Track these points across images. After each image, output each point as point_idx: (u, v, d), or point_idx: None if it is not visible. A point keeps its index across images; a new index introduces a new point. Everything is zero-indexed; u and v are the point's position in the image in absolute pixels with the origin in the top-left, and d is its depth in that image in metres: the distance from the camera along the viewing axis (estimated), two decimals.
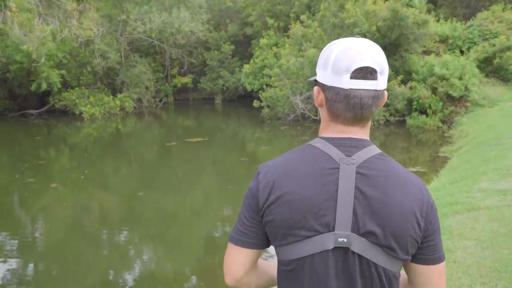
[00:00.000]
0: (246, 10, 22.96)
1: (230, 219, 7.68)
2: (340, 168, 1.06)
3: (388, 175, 1.07)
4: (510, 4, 21.57)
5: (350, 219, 1.04)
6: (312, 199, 1.05)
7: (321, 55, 1.16)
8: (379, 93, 1.10)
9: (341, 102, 1.09)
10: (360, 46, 1.10)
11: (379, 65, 1.08)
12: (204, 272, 5.68)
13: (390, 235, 1.04)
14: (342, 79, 1.07)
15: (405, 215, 1.04)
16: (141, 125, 18.07)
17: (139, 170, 11.29)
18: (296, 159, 1.14)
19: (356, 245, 1.04)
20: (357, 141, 1.11)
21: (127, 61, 20.68)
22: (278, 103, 16.26)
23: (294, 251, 1.10)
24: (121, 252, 6.31)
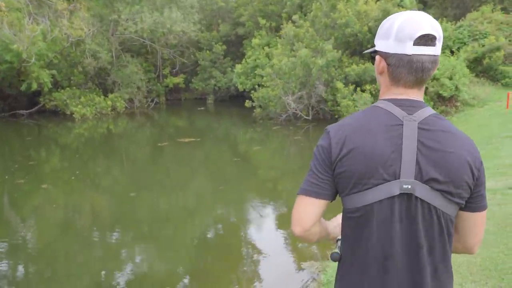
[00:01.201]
0: (238, 10, 22.94)
1: (222, 219, 7.66)
2: (403, 124, 1.21)
3: (445, 131, 1.21)
4: (499, 4, 21.79)
5: (413, 169, 1.19)
6: (381, 151, 1.20)
7: (381, 27, 1.29)
8: (436, 58, 1.24)
9: (404, 66, 1.23)
10: (420, 16, 1.22)
11: (438, 32, 1.21)
12: (197, 273, 5.67)
13: (449, 181, 1.18)
14: (406, 46, 1.20)
15: (462, 165, 1.19)
16: (132, 125, 17.97)
17: (130, 171, 11.23)
18: (364, 117, 1.27)
19: (419, 191, 1.19)
20: (415, 102, 1.26)
21: (119, 61, 20.57)
22: (270, 103, 16.27)
23: (363, 198, 1.24)
24: (113, 253, 6.26)
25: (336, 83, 14.93)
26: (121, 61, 20.57)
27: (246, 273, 5.64)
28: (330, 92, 15.47)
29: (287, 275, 5.36)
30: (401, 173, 1.19)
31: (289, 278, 5.28)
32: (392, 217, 1.21)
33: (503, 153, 7.79)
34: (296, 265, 5.51)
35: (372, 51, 1.36)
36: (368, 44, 15.59)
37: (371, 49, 1.36)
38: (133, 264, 5.95)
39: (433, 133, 1.20)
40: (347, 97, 14.59)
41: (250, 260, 5.99)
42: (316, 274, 5.04)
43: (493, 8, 21.01)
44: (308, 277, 5.04)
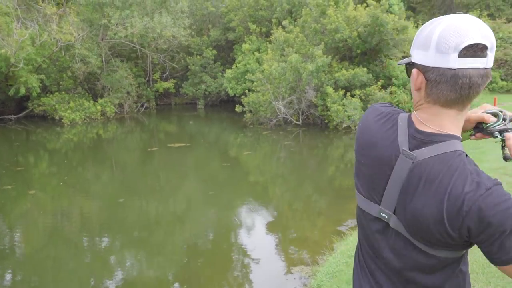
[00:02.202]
0: (228, 15, 22.97)
1: (212, 224, 7.64)
2: (398, 159, 1.12)
3: (431, 180, 1.06)
4: (486, 11, 22.10)
5: (394, 204, 1.14)
6: (373, 171, 1.18)
7: (419, 35, 1.12)
8: (488, 71, 1.05)
9: (447, 83, 1.04)
10: (466, 22, 1.03)
11: (489, 40, 1.03)
12: (187, 278, 5.64)
13: (419, 235, 1.10)
14: (449, 59, 1.02)
15: (430, 221, 1.05)
16: (122, 130, 17.88)
17: (120, 176, 11.16)
18: (378, 126, 1.20)
19: (393, 224, 1.16)
20: (432, 136, 1.10)
21: (108, 66, 20.47)
22: (260, 108, 16.30)
23: (359, 200, 1.27)
24: (103, 259, 6.22)
25: (326, 88, 15.02)
26: (111, 66, 20.47)
27: (236, 279, 5.63)
28: (320, 97, 15.55)
29: (277, 280, 5.36)
30: (382, 201, 1.16)
31: (279, 283, 5.28)
32: (370, 227, 1.24)
33: (490, 157, 7.89)
34: (286, 269, 5.51)
35: (407, 62, 1.17)
36: (358, 49, 15.72)
37: (406, 60, 1.17)
38: (123, 270, 5.91)
39: (418, 178, 1.08)
40: (337, 102, 14.67)
41: (240, 265, 5.98)
42: (306, 278, 5.04)
43: (480, 14, 21.33)
44: (298, 282, 5.04)
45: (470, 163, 1.06)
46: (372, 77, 15.51)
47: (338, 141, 13.96)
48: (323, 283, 4.38)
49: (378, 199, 1.18)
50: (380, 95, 14.76)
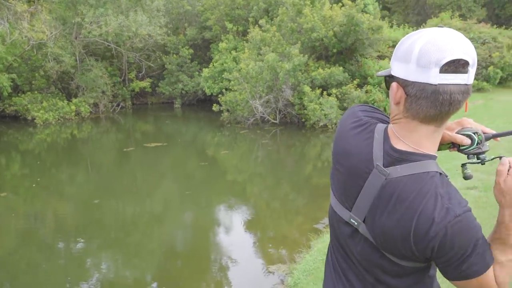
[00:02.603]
0: (204, 14, 22.84)
1: (190, 224, 7.62)
2: (372, 173, 1.11)
3: (403, 199, 1.06)
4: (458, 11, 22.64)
5: (364, 213, 1.14)
6: (347, 178, 1.19)
7: (399, 47, 1.08)
8: (469, 87, 1.03)
9: (427, 98, 1.02)
10: (448, 37, 1.01)
11: (471, 56, 1.01)
12: (165, 279, 5.61)
13: (386, 250, 1.12)
14: (430, 74, 0.99)
15: (398, 240, 1.07)
16: (97, 130, 17.60)
17: (96, 177, 10.99)
18: (354, 135, 1.19)
19: (362, 230, 1.16)
20: (408, 155, 1.09)
21: (83, 65, 20.09)
22: (237, 107, 16.29)
23: (332, 200, 1.28)
24: (78, 261, 6.12)
25: (303, 87, 15.12)
26: (85, 65, 20.10)
27: (215, 278, 5.62)
28: (297, 96, 15.64)
29: (255, 279, 5.38)
30: (353, 208, 1.16)
31: (257, 282, 5.30)
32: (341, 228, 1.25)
33: (461, 154, 8.06)
34: (265, 268, 5.54)
35: (387, 74, 1.12)
36: (334, 49, 15.87)
37: (386, 72, 1.13)
38: (99, 273, 5.83)
39: (389, 195, 1.08)
40: (313, 100, 14.78)
41: (218, 265, 5.98)
42: (283, 276, 5.08)
43: (452, 15, 21.83)
44: (276, 280, 5.07)
45: (443, 185, 1.06)
46: (348, 76, 15.69)
47: (315, 140, 14.07)
48: (300, 280, 4.42)
49: (349, 205, 1.18)
50: (356, 94, 14.94)
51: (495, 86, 17.48)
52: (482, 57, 17.82)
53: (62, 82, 20.20)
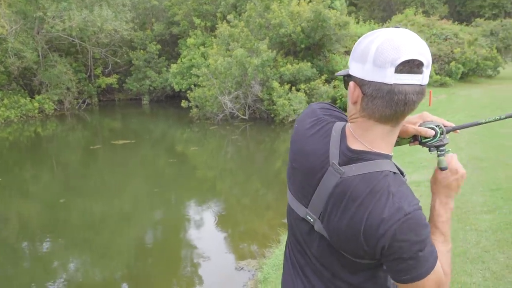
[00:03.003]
0: (172, 9, 22.56)
1: (160, 222, 7.55)
2: (327, 171, 1.12)
3: (355, 198, 1.07)
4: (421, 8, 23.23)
5: (320, 210, 1.15)
6: (304, 176, 1.19)
7: (357, 47, 1.09)
8: (423, 88, 1.04)
9: (383, 98, 1.03)
10: (403, 37, 1.02)
11: (426, 57, 1.02)
12: (135, 278, 5.55)
13: (339, 248, 1.14)
14: (386, 73, 1.00)
15: (350, 239, 1.08)
16: (63, 128, 17.17)
17: (61, 176, 10.73)
18: (312, 133, 1.20)
19: (318, 228, 1.17)
20: (362, 154, 1.10)
21: (46, 61, 19.51)
22: (206, 103, 16.21)
23: (289, 197, 1.29)
24: (45, 263, 5.97)
25: (272, 83, 15.19)
26: (49, 60, 19.51)
27: (186, 276, 5.61)
28: (266, 91, 15.70)
29: (226, 275, 5.40)
30: (309, 205, 1.18)
31: (228, 277, 5.32)
32: (298, 226, 1.26)
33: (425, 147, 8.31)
34: (235, 264, 5.56)
35: (345, 73, 1.13)
36: (302, 44, 16.01)
37: (344, 72, 1.14)
38: (66, 274, 5.71)
39: (343, 194, 1.09)
40: (282, 96, 14.88)
41: (190, 262, 5.97)
42: (253, 272, 5.12)
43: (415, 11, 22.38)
44: (247, 275, 5.11)
45: (396, 184, 1.07)
46: (316, 72, 15.86)
47: (284, 135, 14.18)
48: (270, 275, 4.47)
49: (306, 203, 1.19)
50: (324, 89, 15.13)
51: (457, 81, 18.06)
52: (445, 52, 18.37)
53: (24, 79, 19.58)
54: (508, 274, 3.42)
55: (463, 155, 7.17)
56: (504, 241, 3.96)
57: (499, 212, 4.63)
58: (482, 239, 4.05)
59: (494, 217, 4.52)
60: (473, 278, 3.42)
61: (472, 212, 4.73)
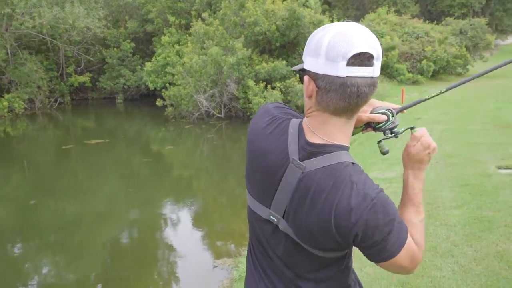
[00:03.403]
0: (145, 6, 22.27)
1: (135, 222, 7.48)
2: (288, 168, 1.12)
3: (320, 192, 1.08)
4: (393, 7, 23.61)
5: (283, 209, 1.15)
6: (264, 176, 1.18)
7: (310, 41, 1.10)
8: (374, 80, 1.07)
9: (336, 91, 1.05)
10: (353, 30, 1.04)
11: (376, 50, 1.04)
12: (111, 279, 5.49)
13: (307, 242, 1.14)
14: (338, 67, 1.02)
15: (319, 232, 1.10)
16: (34, 128, 16.77)
17: (33, 176, 10.49)
18: (268, 132, 1.19)
19: (282, 227, 1.17)
20: (321, 147, 1.11)
21: (15, 59, 18.98)
22: (182, 102, 16.10)
23: (249, 201, 1.27)
24: (15, 267, 5.83)
25: (247, 81, 15.19)
26: (18, 58, 18.99)
27: (163, 276, 5.59)
28: (242, 90, 15.70)
29: (203, 274, 5.40)
30: (272, 206, 1.17)
31: (205, 276, 5.32)
32: (263, 229, 1.25)
33: (398, 144, 8.40)
34: (211, 263, 5.56)
35: (300, 68, 1.14)
36: (277, 43, 16.07)
37: (299, 66, 1.15)
38: (39, 277, 5.61)
39: (307, 189, 1.10)
40: (258, 94, 14.91)
41: (166, 262, 5.94)
42: (229, 270, 5.13)
43: (388, 10, 22.71)
44: (224, 274, 5.12)
45: (356, 173, 1.10)
46: (291, 70, 15.93)
47: None
48: (245, 273, 4.48)
49: (268, 203, 1.18)
50: (299, 87, 15.21)
51: (428, 78, 18.45)
52: (416, 51, 18.74)
53: None
54: (476, 267, 3.53)
55: None
56: (472, 235, 4.08)
57: (467, 207, 4.77)
58: (451, 234, 4.16)
59: (463, 212, 4.65)
60: (442, 272, 3.51)
61: (442, 207, 4.86)
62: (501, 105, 11.32)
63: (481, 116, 10.15)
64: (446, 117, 10.50)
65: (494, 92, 14.47)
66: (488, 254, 3.71)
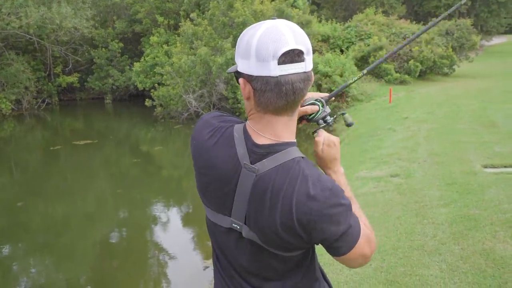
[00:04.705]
0: (134, 6, 22.08)
1: (125, 222, 7.43)
2: (241, 173, 1.10)
3: (277, 191, 1.07)
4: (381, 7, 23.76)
5: (243, 215, 1.13)
6: (218, 186, 1.15)
7: (239, 44, 1.08)
8: (308, 74, 1.06)
9: (272, 91, 1.03)
10: (281, 29, 1.02)
11: (305, 45, 1.03)
12: (101, 280, 5.46)
13: (267, 241, 1.12)
14: (270, 67, 1.00)
15: (276, 228, 1.08)
16: (21, 129, 16.56)
17: (20, 178, 10.37)
18: (214, 142, 1.16)
19: (245, 233, 1.15)
20: (270, 147, 1.10)
21: (2, 59, 18.73)
22: (171, 102, 16.02)
23: (209, 214, 1.24)
24: (3, 268, 5.76)
25: (236, 81, 15.14)
26: (5, 59, 18.75)
27: (153, 276, 5.57)
28: (231, 90, 15.67)
29: (193, 274, 5.39)
30: (232, 213, 1.15)
31: (195, 276, 5.31)
32: (227, 239, 1.22)
33: (386, 143, 8.53)
34: (202, 263, 5.55)
35: (234, 70, 1.13)
36: None
37: (233, 68, 1.14)
38: (28, 279, 5.55)
39: (263, 191, 1.08)
40: None
41: (156, 263, 5.92)
42: None
43: (375, 11, 22.85)
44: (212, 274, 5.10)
45: (309, 166, 1.10)
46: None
47: None
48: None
49: (228, 212, 1.16)
50: None
51: (415, 78, 18.58)
52: (403, 51, 18.86)
53: None
54: (463, 265, 3.57)
55: (422, 150, 7.40)
56: (459, 234, 4.12)
57: (454, 205, 4.82)
58: (438, 232, 4.20)
59: (450, 210, 4.70)
60: (430, 270, 3.55)
61: (430, 206, 4.90)
62: (486, 105, 11.47)
63: (467, 115, 10.26)
64: (432, 116, 10.60)
65: (478, 92, 14.63)
66: (474, 252, 3.75)
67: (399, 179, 5.95)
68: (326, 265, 3.77)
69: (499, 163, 6.25)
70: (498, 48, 36.22)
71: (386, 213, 4.79)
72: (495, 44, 40.01)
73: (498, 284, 3.27)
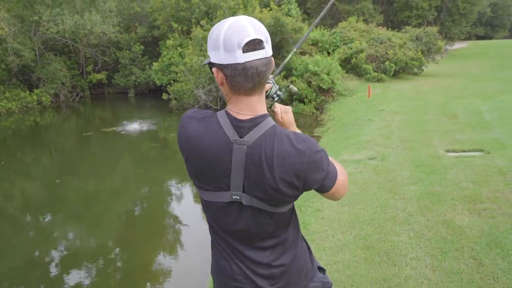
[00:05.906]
0: (153, 15, 21.80)
1: (146, 197, 7.43)
2: (233, 149, 1.09)
3: (270, 154, 1.07)
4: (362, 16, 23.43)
5: (241, 184, 1.12)
6: (214, 167, 1.12)
7: (210, 38, 1.09)
8: (269, 59, 1.08)
9: (240, 75, 1.05)
10: (242, 22, 1.04)
11: (263, 35, 1.05)
12: (125, 243, 5.47)
13: (270, 198, 1.12)
14: (236, 55, 1.02)
15: (277, 185, 1.09)
16: (59, 118, 16.48)
17: (58, 159, 10.34)
18: (203, 131, 1.13)
19: (245, 201, 1.13)
20: (252, 121, 1.11)
21: (42, 59, 18.55)
22: (184, 96, 15.92)
23: (205, 196, 1.19)
24: (45, 234, 5.79)
25: None
26: (45, 59, 18.56)
27: (169, 241, 5.57)
28: None
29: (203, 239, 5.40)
30: (231, 186, 1.12)
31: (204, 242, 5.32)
32: (228, 214, 1.18)
33: (365, 131, 8.48)
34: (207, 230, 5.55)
35: (207, 62, 1.14)
36: None
37: (207, 61, 1.15)
38: (66, 242, 5.57)
39: (259, 157, 1.08)
40: None
41: (171, 230, 5.93)
42: None
43: (357, 19, 22.55)
44: None
45: (284, 129, 1.13)
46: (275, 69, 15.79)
47: None
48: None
49: (226, 187, 1.13)
50: (283, 84, 15.12)
51: (390, 77, 18.42)
52: (380, 53, 18.68)
53: (23, 75, 18.59)
54: (427, 233, 3.56)
55: (395, 137, 7.35)
56: (425, 207, 4.11)
57: (421, 183, 4.80)
58: (408, 206, 4.19)
59: (418, 188, 4.68)
60: (400, 237, 3.54)
61: (401, 184, 4.88)
62: (449, 100, 11.37)
63: (433, 108, 10.18)
64: (404, 109, 10.52)
65: (443, 88, 14.51)
66: (437, 222, 3.74)
67: (376, 161, 5.92)
68: (313, 233, 3.76)
69: (459, 148, 6.22)
70: (459, 52, 35.83)
71: (364, 190, 4.77)
72: (457, 48, 39.57)
73: (456, 248, 3.26)
